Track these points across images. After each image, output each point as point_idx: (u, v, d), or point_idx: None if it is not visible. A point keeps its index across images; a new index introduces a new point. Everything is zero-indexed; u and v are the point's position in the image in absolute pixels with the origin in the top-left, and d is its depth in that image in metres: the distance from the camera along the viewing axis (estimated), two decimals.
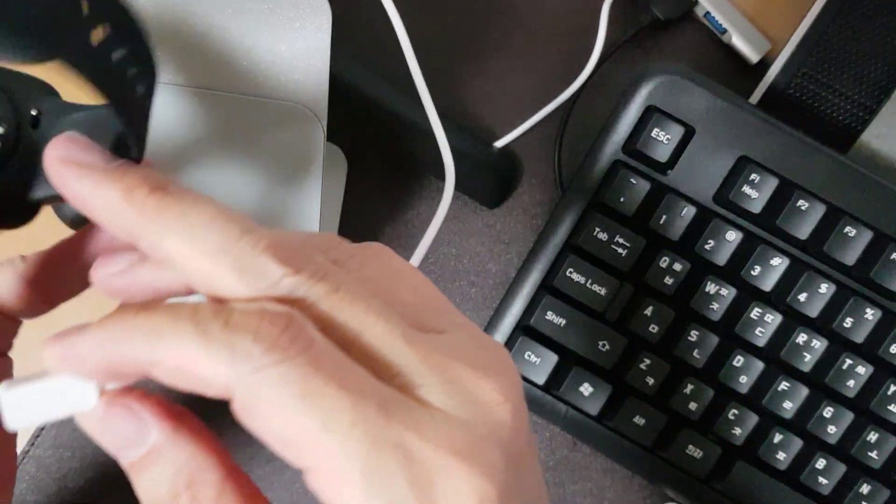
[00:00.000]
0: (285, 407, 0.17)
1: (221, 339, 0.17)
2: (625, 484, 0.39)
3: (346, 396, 0.17)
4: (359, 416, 0.17)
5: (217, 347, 0.17)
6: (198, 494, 0.18)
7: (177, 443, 0.19)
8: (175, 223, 0.18)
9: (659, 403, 0.36)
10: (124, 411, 0.19)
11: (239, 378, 0.17)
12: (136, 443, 0.19)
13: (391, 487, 0.17)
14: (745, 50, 0.39)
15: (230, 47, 0.30)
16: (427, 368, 0.18)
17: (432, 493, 0.17)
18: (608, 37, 0.39)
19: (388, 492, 0.17)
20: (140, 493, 0.19)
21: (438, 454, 0.17)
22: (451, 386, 0.18)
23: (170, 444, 0.19)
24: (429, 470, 0.17)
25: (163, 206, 0.18)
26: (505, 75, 0.40)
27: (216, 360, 0.17)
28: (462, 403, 0.18)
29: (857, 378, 0.35)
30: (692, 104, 0.35)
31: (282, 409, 0.17)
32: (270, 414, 0.17)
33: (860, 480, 0.35)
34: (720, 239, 0.35)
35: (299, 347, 0.17)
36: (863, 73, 0.38)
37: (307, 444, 0.17)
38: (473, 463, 0.17)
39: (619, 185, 0.35)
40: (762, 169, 0.34)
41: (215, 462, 0.19)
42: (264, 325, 0.17)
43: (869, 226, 0.34)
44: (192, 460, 0.19)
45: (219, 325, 0.17)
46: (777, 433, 0.35)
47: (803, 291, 0.35)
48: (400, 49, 0.39)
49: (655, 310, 0.35)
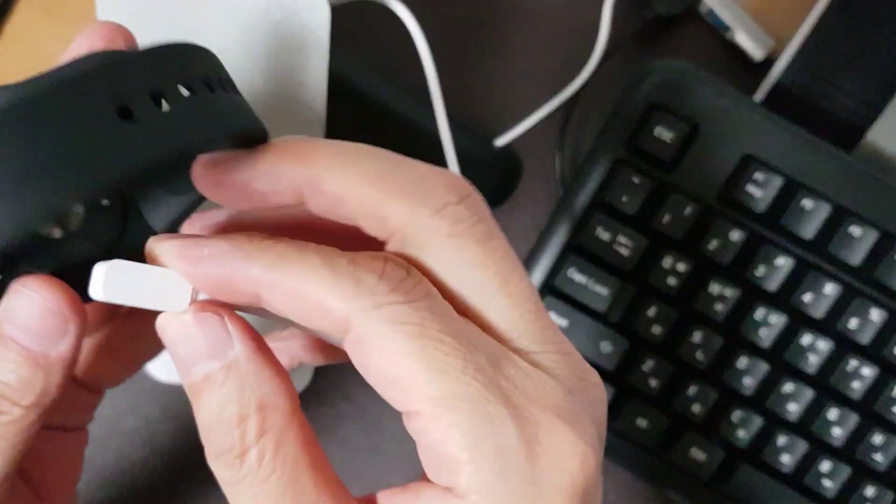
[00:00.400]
0: (400, 346, 0.17)
1: (348, 273, 0.17)
2: (627, 487, 0.39)
3: (460, 345, 0.17)
4: (470, 364, 0.17)
5: (343, 279, 0.17)
6: (267, 419, 0.18)
7: (256, 362, 0.18)
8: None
9: (662, 405, 0.35)
10: (214, 319, 0.18)
11: (360, 311, 0.17)
12: (215, 354, 0.18)
13: (499, 433, 0.17)
14: (748, 47, 0.39)
15: (228, 45, 0.29)
16: (543, 338, 0.19)
17: (537, 446, 0.17)
18: (610, 34, 0.39)
19: (496, 437, 0.17)
20: (203, 412, 0.18)
21: (545, 414, 0.18)
22: (564, 357, 0.19)
23: (249, 362, 0.18)
24: (535, 425, 0.18)
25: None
26: (506, 73, 0.40)
27: (340, 291, 0.17)
28: (571, 375, 0.19)
29: (863, 380, 0.35)
30: (695, 102, 0.34)
31: (396, 348, 0.17)
32: (383, 351, 0.17)
33: (865, 483, 0.35)
34: (724, 239, 0.34)
35: (421, 293, 0.18)
36: (868, 70, 0.37)
37: (415, 385, 0.17)
38: (577, 429, 0.18)
39: (622, 183, 0.35)
40: (766, 168, 0.34)
41: (288, 392, 0.19)
42: (389, 268, 0.18)
43: (874, 225, 0.34)
44: (268, 383, 0.18)
45: (345, 260, 0.18)
46: (781, 435, 0.35)
47: (808, 292, 0.34)
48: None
49: (658, 310, 0.35)
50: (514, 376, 0.18)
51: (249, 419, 0.18)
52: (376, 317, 0.17)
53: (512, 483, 0.17)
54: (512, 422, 0.17)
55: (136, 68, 0.16)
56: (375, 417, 0.39)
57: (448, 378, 0.17)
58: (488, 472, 0.17)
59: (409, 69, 0.39)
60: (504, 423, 0.17)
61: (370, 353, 0.17)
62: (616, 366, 0.35)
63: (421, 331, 0.17)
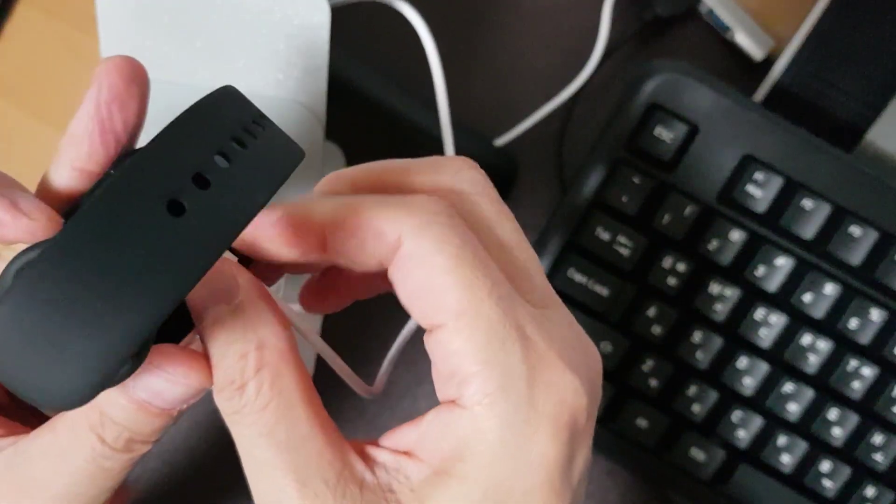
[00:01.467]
0: (440, 262, 0.19)
1: (399, 203, 0.20)
2: (627, 487, 0.39)
3: (489, 272, 0.20)
4: (495, 290, 0.20)
5: (396, 206, 0.20)
6: (265, 356, 0.20)
7: (258, 306, 0.20)
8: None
9: (662, 405, 0.35)
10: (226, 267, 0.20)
11: (411, 227, 0.20)
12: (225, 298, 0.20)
13: (508, 356, 0.19)
14: (748, 47, 0.39)
15: (228, 45, 0.29)
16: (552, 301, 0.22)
17: (538, 375, 0.20)
18: (610, 34, 0.39)
19: (504, 359, 0.19)
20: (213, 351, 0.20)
21: (550, 351, 0.20)
22: (568, 319, 0.22)
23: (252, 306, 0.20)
24: (540, 357, 0.20)
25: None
26: (506, 73, 0.40)
27: (393, 215, 0.20)
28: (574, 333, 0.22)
29: (863, 380, 0.35)
30: (695, 102, 0.34)
31: (437, 264, 0.19)
32: (425, 265, 0.20)
33: (865, 483, 0.35)
34: (724, 239, 0.34)
35: (458, 224, 0.20)
36: (868, 70, 0.37)
37: (446, 299, 0.19)
38: (575, 372, 0.20)
39: (622, 183, 0.35)
40: (766, 168, 0.34)
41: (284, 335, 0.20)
42: (432, 201, 0.20)
43: (874, 226, 0.34)
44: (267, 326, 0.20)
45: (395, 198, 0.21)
46: (781, 436, 0.35)
47: (808, 292, 0.34)
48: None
49: (658, 310, 0.35)
50: (530, 312, 0.20)
51: (250, 355, 0.20)
52: (425, 230, 0.20)
53: (512, 401, 0.19)
54: (520, 348, 0.19)
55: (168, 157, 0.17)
56: (375, 417, 0.39)
57: (475, 297, 0.19)
58: (494, 387, 0.19)
59: (410, 69, 0.39)
60: (514, 348, 0.19)
61: (413, 267, 0.20)
62: (616, 366, 0.35)
63: (460, 252, 0.19)
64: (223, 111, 0.19)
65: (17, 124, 0.40)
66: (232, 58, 0.29)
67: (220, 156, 0.17)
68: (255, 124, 0.19)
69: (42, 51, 0.40)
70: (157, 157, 0.16)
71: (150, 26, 0.29)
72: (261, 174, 0.18)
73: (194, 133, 0.17)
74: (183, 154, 0.17)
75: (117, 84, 0.20)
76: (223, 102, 0.19)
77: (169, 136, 0.17)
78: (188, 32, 0.29)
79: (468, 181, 0.22)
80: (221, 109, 0.19)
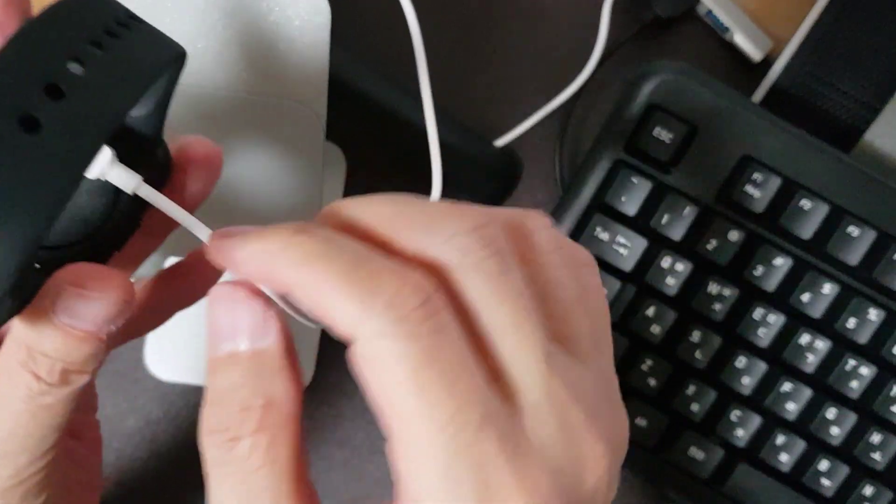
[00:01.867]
0: (393, 379, 0.17)
1: (359, 291, 0.17)
2: (626, 486, 0.39)
3: (453, 395, 0.17)
4: (458, 419, 0.17)
5: (354, 295, 0.17)
6: (269, 416, 0.18)
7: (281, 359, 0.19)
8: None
9: (661, 405, 0.35)
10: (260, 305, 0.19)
11: (361, 333, 0.17)
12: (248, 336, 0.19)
13: (459, 498, 0.17)
14: (747, 48, 0.39)
15: (229, 46, 0.29)
16: (548, 406, 0.18)
17: None
18: (609, 35, 0.39)
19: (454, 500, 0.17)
20: (215, 387, 0.19)
21: (520, 492, 0.17)
22: (562, 433, 0.18)
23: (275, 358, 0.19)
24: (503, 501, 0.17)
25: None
26: (506, 73, 0.40)
27: (349, 308, 0.17)
28: (563, 452, 0.18)
29: (861, 379, 0.35)
30: (694, 103, 0.34)
31: (389, 380, 0.17)
32: (378, 378, 0.17)
33: (863, 482, 0.35)
34: (722, 239, 0.35)
35: (429, 328, 0.17)
36: (867, 71, 0.37)
37: (398, 421, 0.17)
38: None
39: (621, 184, 0.35)
40: (765, 168, 0.34)
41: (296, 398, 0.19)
42: (404, 293, 0.17)
43: (872, 226, 0.34)
44: (282, 384, 0.19)
45: (366, 272, 0.17)
46: (780, 435, 0.35)
47: (806, 292, 0.35)
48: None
49: (657, 310, 0.35)
50: (501, 442, 0.17)
51: (253, 410, 0.18)
52: (378, 344, 0.17)
53: None
54: (474, 496, 0.17)
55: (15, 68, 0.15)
56: (375, 417, 0.39)
57: (431, 426, 0.17)
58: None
59: (410, 70, 0.39)
60: (466, 493, 0.17)
61: (367, 375, 0.17)
62: (615, 365, 0.35)
63: (417, 371, 0.17)
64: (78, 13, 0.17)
65: None
66: (233, 59, 0.30)
67: (74, 61, 0.16)
68: (119, 25, 0.17)
69: None
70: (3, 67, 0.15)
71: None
72: (122, 78, 0.16)
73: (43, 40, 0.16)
74: (31, 64, 0.15)
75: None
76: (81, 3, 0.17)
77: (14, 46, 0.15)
78: (190, 34, 0.29)
79: (460, 249, 0.18)
80: (76, 12, 0.17)
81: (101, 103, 0.16)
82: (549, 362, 0.18)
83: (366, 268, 0.17)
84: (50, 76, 0.15)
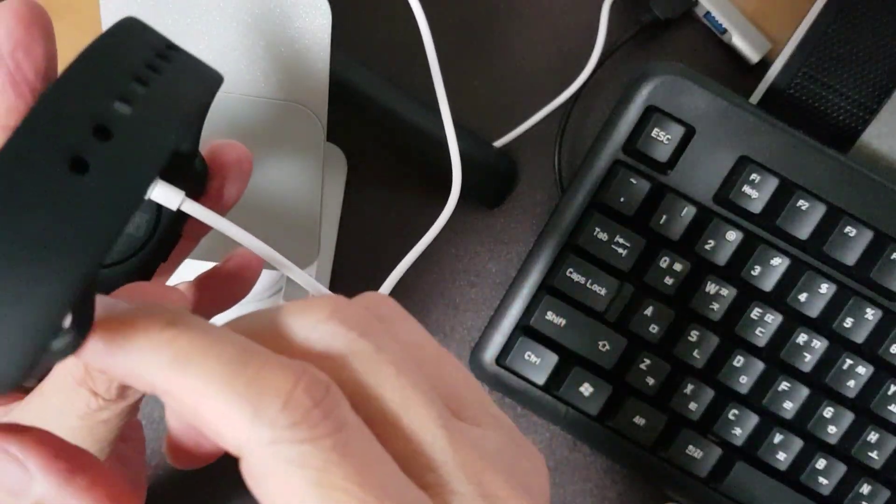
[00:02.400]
0: (295, 491, 0.15)
1: (248, 395, 0.15)
2: (625, 484, 0.39)
3: (366, 495, 0.15)
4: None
5: (240, 402, 0.15)
6: None
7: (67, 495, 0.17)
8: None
9: (659, 404, 0.36)
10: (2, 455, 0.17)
11: (254, 444, 0.15)
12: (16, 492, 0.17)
13: None
14: (745, 50, 0.39)
15: (230, 47, 0.30)
16: (464, 476, 0.17)
17: None
18: (608, 36, 0.39)
19: None
20: None
21: None
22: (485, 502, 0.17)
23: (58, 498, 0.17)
24: None
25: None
26: (505, 75, 0.40)
27: (235, 417, 0.15)
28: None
29: (858, 378, 0.35)
30: (692, 104, 0.35)
31: (291, 492, 0.15)
32: (276, 491, 0.15)
33: (860, 480, 0.35)
34: (720, 239, 0.35)
35: (329, 428, 0.15)
36: (863, 73, 0.38)
37: None
38: None
39: (620, 184, 0.35)
40: (762, 169, 0.34)
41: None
42: (298, 393, 0.15)
43: (869, 226, 0.34)
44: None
45: (249, 375, 0.15)
46: (777, 433, 0.35)
47: (803, 291, 0.35)
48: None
49: (655, 310, 0.35)
50: None
51: None
52: (272, 453, 0.15)
53: None
54: None
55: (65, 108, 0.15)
56: None
57: None
58: None
59: (411, 71, 0.39)
60: None
61: (261, 487, 0.15)
62: (614, 364, 0.35)
63: (322, 477, 0.15)
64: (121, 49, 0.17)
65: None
66: (234, 60, 0.30)
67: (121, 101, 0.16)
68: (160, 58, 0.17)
69: None
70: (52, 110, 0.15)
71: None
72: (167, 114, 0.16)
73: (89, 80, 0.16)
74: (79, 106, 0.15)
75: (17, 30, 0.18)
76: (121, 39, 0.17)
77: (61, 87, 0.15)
78: (191, 35, 0.29)
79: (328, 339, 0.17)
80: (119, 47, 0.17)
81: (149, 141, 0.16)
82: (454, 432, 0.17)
83: (252, 365, 0.15)
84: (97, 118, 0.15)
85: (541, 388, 0.36)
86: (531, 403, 0.36)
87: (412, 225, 0.40)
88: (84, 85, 0.16)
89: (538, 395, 0.36)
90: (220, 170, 0.23)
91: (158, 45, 0.18)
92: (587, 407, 0.36)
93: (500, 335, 0.36)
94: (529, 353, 0.36)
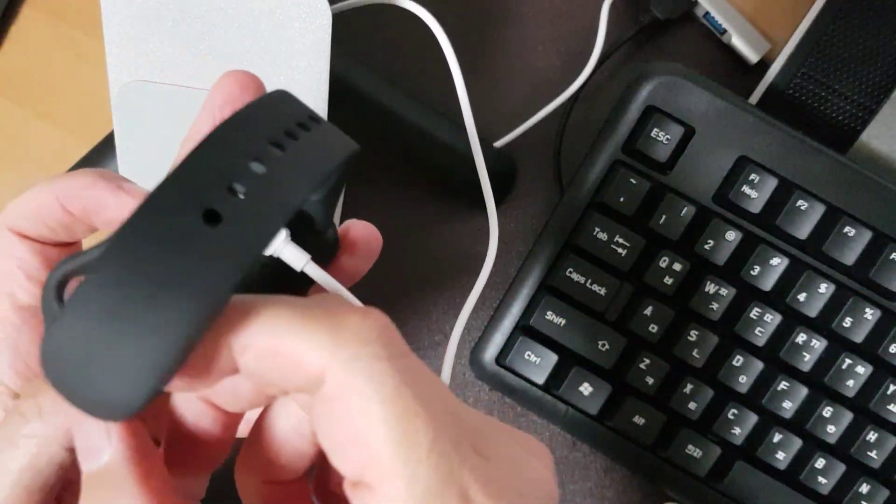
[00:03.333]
0: (374, 410, 0.16)
1: (324, 323, 0.16)
2: (625, 483, 0.39)
3: (432, 419, 0.16)
4: (436, 447, 0.16)
5: (318, 330, 0.16)
6: None
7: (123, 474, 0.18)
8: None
9: (658, 403, 0.36)
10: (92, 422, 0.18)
11: (337, 362, 0.16)
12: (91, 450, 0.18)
13: None
14: (744, 50, 0.39)
15: (230, 47, 0.30)
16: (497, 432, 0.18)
17: None
18: (608, 37, 0.39)
19: None
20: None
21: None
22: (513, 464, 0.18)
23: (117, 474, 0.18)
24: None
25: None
26: (505, 75, 0.41)
27: (316, 343, 0.16)
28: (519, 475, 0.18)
29: (857, 378, 0.35)
30: (692, 104, 0.35)
31: (369, 411, 0.16)
32: (355, 412, 0.16)
33: (860, 480, 0.35)
34: (720, 239, 0.35)
35: (399, 351, 0.17)
36: (862, 73, 0.38)
37: (378, 455, 0.16)
38: None
39: (619, 184, 0.35)
40: (762, 169, 0.35)
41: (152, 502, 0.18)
42: (370, 321, 0.17)
43: (868, 226, 0.34)
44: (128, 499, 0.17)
45: (321, 311, 0.17)
46: (776, 433, 0.35)
47: (803, 291, 0.35)
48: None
49: (655, 309, 0.35)
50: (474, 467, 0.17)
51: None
52: (354, 369, 0.16)
53: None
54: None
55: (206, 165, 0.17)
56: None
57: (412, 456, 0.16)
58: None
59: (411, 71, 0.40)
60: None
61: (340, 412, 0.16)
62: (613, 364, 0.35)
63: (397, 396, 0.16)
64: (264, 116, 0.19)
65: (22, 125, 0.40)
66: (235, 61, 0.30)
67: (256, 161, 0.18)
68: (299, 126, 0.19)
69: (46, 53, 0.40)
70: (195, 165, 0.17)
71: (154, 30, 0.29)
72: (297, 177, 0.18)
73: (231, 141, 0.18)
74: (219, 164, 0.17)
75: (232, 90, 0.21)
76: (266, 106, 0.19)
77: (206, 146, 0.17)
78: (192, 36, 0.29)
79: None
80: (262, 114, 0.19)
81: (277, 200, 0.17)
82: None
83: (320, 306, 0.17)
84: (234, 176, 0.17)
85: (541, 388, 0.36)
86: (531, 403, 0.36)
87: (412, 225, 0.40)
88: (225, 144, 0.18)
89: (538, 395, 0.36)
90: (349, 245, 0.24)
91: (300, 115, 0.20)
92: (587, 406, 0.36)
93: (500, 335, 0.36)
94: (529, 353, 0.36)
